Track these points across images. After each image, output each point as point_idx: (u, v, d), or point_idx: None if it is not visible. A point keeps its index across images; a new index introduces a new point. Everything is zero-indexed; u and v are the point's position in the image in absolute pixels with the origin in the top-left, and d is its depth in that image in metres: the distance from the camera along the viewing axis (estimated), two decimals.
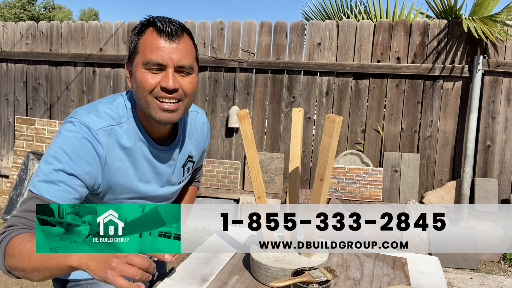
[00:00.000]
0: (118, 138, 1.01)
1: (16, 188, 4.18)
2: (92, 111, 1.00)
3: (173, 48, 0.94)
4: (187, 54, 0.97)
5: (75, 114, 0.98)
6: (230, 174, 4.10)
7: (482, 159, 3.61)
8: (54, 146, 0.94)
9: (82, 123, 0.96)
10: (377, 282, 1.14)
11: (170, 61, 0.94)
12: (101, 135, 0.97)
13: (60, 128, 0.97)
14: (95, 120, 0.97)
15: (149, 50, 0.94)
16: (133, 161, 1.05)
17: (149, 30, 0.95)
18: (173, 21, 0.96)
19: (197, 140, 1.25)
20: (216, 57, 4.10)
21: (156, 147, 1.09)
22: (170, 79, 0.94)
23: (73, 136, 0.94)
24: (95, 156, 0.96)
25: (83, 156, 0.94)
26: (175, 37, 0.95)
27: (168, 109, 0.96)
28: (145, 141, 1.06)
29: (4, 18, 29.83)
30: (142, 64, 0.95)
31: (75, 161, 0.93)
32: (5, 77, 4.79)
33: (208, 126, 1.31)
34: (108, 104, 1.03)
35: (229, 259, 1.28)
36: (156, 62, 0.93)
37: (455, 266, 3.28)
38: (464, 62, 3.60)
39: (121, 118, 1.02)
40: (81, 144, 0.94)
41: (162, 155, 1.11)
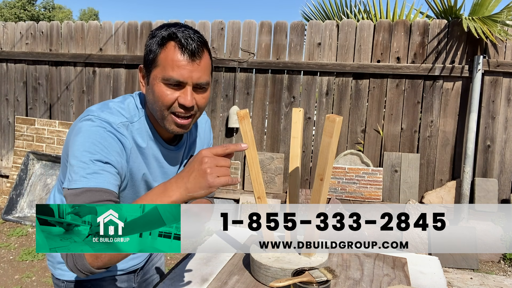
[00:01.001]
0: (133, 135, 1.03)
1: (16, 188, 4.18)
2: (105, 109, 1.01)
3: (194, 67, 0.95)
4: (206, 71, 0.98)
5: (90, 112, 0.98)
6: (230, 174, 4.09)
7: (482, 159, 3.61)
8: (79, 144, 0.92)
9: (102, 119, 0.96)
10: (377, 282, 1.14)
11: (190, 79, 0.95)
12: (122, 129, 0.99)
13: (77, 128, 0.95)
14: (112, 117, 0.99)
15: (171, 66, 0.94)
16: (145, 159, 1.07)
17: (171, 45, 0.95)
18: (194, 37, 0.96)
19: (201, 140, 1.26)
20: (216, 57, 4.10)
21: (166, 146, 1.11)
22: (188, 96, 0.96)
23: (96, 131, 0.94)
24: (121, 148, 0.98)
25: (110, 148, 0.95)
26: (197, 55, 0.95)
27: (181, 124, 0.99)
28: (155, 141, 1.08)
29: (4, 18, 29.82)
30: (162, 79, 0.95)
31: (106, 150, 0.93)
32: (5, 77, 4.79)
33: (209, 125, 1.33)
34: (119, 103, 1.05)
35: (229, 259, 1.28)
36: (177, 80, 0.95)
37: (455, 266, 3.28)
38: (464, 62, 3.60)
39: (133, 118, 1.04)
40: (106, 137, 0.94)
41: (170, 155, 1.13)
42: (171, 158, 1.14)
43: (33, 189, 4.26)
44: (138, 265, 1.28)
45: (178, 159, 1.17)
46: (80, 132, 0.94)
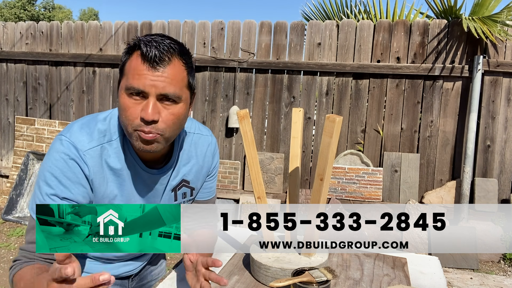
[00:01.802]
0: (106, 157, 0.97)
1: (16, 188, 4.18)
2: (84, 127, 0.97)
3: (157, 75, 0.86)
4: (173, 81, 0.88)
5: (66, 131, 0.96)
6: (230, 174, 4.10)
7: (482, 159, 3.61)
8: (44, 169, 0.93)
9: (71, 143, 0.93)
10: (377, 282, 1.14)
11: (153, 89, 0.87)
12: (88, 156, 0.94)
13: (51, 145, 0.96)
14: (84, 140, 0.95)
15: (132, 75, 0.87)
16: (121, 181, 1.00)
17: (136, 53, 0.89)
18: (160, 44, 0.88)
19: (198, 164, 1.14)
20: (216, 57, 4.10)
21: (146, 170, 1.02)
22: (149, 109, 0.86)
23: (60, 158, 0.92)
24: (83, 176, 0.95)
25: (73, 178, 0.93)
26: (160, 63, 0.87)
27: (145, 139, 0.89)
28: (134, 162, 1.01)
29: (4, 18, 29.82)
30: (125, 89, 0.89)
31: (66, 184, 0.92)
32: (5, 77, 4.79)
33: (213, 149, 1.19)
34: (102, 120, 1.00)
35: (229, 259, 1.27)
36: (137, 89, 0.87)
37: (455, 266, 3.28)
38: (464, 62, 3.60)
39: (112, 136, 0.98)
40: (69, 166, 0.92)
41: (152, 179, 1.04)
42: (152, 181, 1.05)
43: (33, 189, 4.26)
44: (132, 271, 1.24)
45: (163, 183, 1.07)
46: (49, 154, 0.95)
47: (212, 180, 1.23)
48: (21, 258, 0.93)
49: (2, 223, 4.03)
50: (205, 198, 1.24)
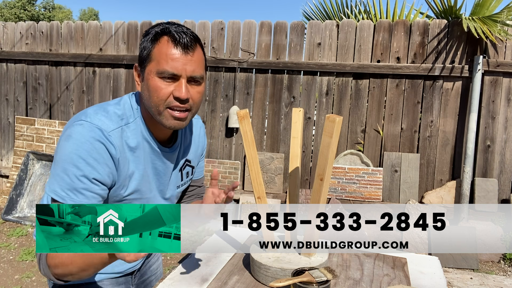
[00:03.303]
0: (126, 138, 1.02)
1: (16, 188, 4.18)
2: (100, 111, 1.01)
3: (188, 59, 0.97)
4: (199, 64, 1.00)
5: (84, 116, 0.98)
6: (230, 174, 4.10)
7: (482, 159, 3.61)
8: (68, 152, 0.93)
9: (94, 125, 0.96)
10: (377, 282, 1.14)
11: (184, 72, 0.97)
12: (113, 137, 0.98)
13: (69, 131, 0.96)
14: (106, 122, 0.98)
15: (164, 60, 0.96)
16: (138, 160, 1.06)
17: (164, 39, 0.97)
18: (187, 32, 0.99)
19: (195, 144, 1.26)
20: (216, 57, 4.10)
21: (160, 148, 1.10)
22: (183, 89, 0.97)
23: (85, 140, 0.94)
24: (109, 157, 0.98)
25: (100, 159, 0.95)
26: (190, 48, 0.97)
27: (179, 117, 1.00)
28: (150, 142, 1.08)
29: (4, 18, 29.82)
30: (156, 72, 0.97)
31: (93, 165, 0.94)
32: (5, 77, 4.79)
33: (204, 130, 1.33)
34: (115, 105, 1.05)
35: (229, 259, 1.28)
36: (171, 73, 0.96)
37: (455, 266, 3.28)
38: (464, 62, 3.60)
39: (128, 118, 1.04)
40: (96, 147, 0.95)
41: (165, 157, 1.13)
42: (165, 160, 1.13)
43: (33, 189, 4.26)
44: (135, 267, 1.27)
45: (173, 161, 1.16)
46: (70, 139, 0.94)
47: (203, 159, 1.35)
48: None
49: (2, 223, 4.03)
50: (199, 177, 1.35)
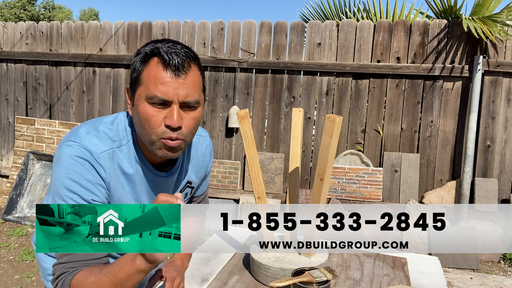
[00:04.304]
0: (119, 162, 0.97)
1: (16, 188, 4.18)
2: (91, 131, 0.96)
3: (179, 83, 0.87)
4: (194, 87, 0.90)
5: (74, 137, 0.94)
6: (230, 174, 4.10)
7: (482, 159, 3.61)
8: (60, 177, 0.91)
9: (83, 147, 0.92)
10: (377, 282, 1.14)
11: (176, 97, 0.88)
12: (103, 159, 0.94)
13: (58, 153, 0.93)
14: (96, 144, 0.94)
15: (154, 84, 0.87)
16: (133, 185, 1.01)
17: (154, 61, 0.89)
18: (180, 51, 0.89)
19: (198, 165, 1.18)
20: (216, 57, 4.10)
21: (155, 173, 1.04)
22: (174, 116, 0.88)
23: (75, 162, 0.90)
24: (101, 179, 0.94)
25: (93, 180, 0.92)
26: (182, 70, 0.88)
27: (171, 146, 0.91)
28: (144, 167, 1.02)
29: (4, 18, 29.82)
30: (146, 98, 0.88)
31: (88, 187, 0.92)
32: (5, 77, 4.79)
33: (211, 149, 1.23)
34: (109, 125, 0.99)
35: (229, 259, 1.27)
36: (161, 98, 0.87)
37: (455, 266, 3.28)
38: (464, 62, 3.60)
39: (121, 141, 0.98)
40: (86, 168, 0.91)
41: (161, 181, 1.07)
42: (161, 184, 1.07)
43: (33, 189, 4.26)
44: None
45: (171, 184, 1.10)
46: (60, 162, 0.92)
47: (208, 178, 1.28)
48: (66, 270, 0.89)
49: (2, 223, 4.03)
50: (199, 194, 1.29)
